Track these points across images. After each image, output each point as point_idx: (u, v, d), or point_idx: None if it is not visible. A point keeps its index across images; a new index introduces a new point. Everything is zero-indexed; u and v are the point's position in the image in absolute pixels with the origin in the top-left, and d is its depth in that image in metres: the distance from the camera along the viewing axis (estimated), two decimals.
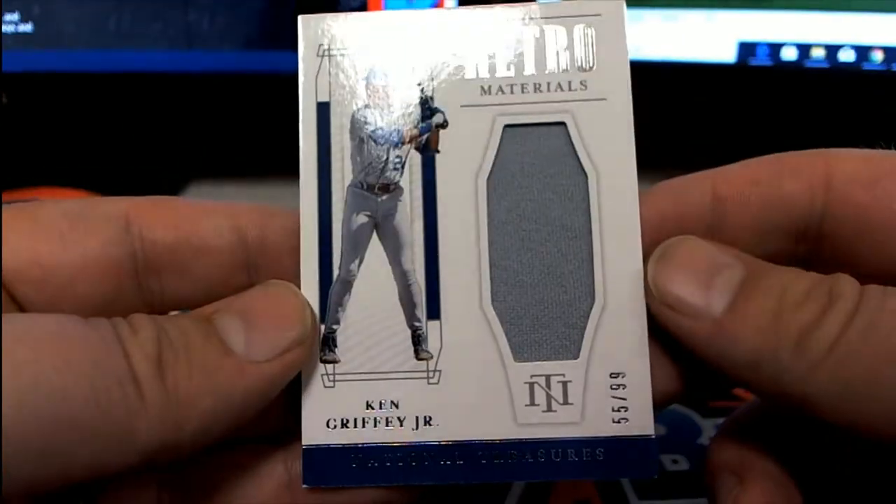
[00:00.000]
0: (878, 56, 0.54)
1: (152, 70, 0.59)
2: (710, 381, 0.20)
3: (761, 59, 0.57)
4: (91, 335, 0.15)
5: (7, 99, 0.61)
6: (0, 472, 0.13)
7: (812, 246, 0.19)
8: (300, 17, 0.20)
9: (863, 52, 0.55)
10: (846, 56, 0.55)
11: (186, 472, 0.20)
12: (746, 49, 0.57)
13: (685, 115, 0.72)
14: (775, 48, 0.56)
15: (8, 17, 0.56)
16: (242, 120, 0.76)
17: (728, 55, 0.57)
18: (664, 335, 0.19)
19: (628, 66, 0.20)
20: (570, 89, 0.20)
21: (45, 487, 0.15)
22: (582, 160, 0.20)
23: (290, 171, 0.42)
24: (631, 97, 0.20)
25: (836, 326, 0.16)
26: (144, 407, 0.15)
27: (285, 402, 0.19)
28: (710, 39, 0.57)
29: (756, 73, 0.57)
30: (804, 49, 0.56)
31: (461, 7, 0.20)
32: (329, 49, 0.20)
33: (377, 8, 0.56)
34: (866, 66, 0.55)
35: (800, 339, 0.16)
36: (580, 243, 0.20)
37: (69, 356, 0.14)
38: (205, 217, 0.19)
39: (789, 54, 0.56)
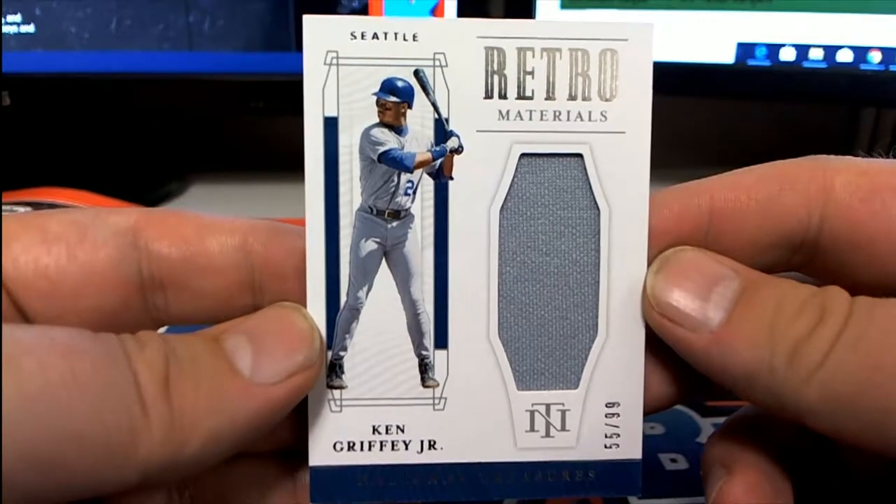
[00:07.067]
0: (875, 57, 0.55)
1: (153, 71, 0.59)
2: (708, 386, 0.20)
3: (760, 60, 0.57)
4: (98, 349, 0.15)
5: (9, 100, 0.60)
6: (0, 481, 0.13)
7: (807, 257, 0.20)
8: (306, 18, 0.19)
9: (861, 52, 0.55)
10: (844, 57, 0.55)
11: (197, 478, 0.20)
12: (745, 50, 0.57)
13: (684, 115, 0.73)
14: (774, 49, 0.56)
15: (10, 18, 0.56)
16: (243, 120, 0.76)
17: (727, 56, 0.57)
18: (662, 342, 0.19)
19: (650, 99, 0.19)
20: (589, 119, 0.19)
21: (43, 500, 0.14)
22: (596, 195, 0.19)
23: (290, 170, 0.42)
24: (650, 132, 0.19)
25: (826, 340, 0.17)
26: (148, 425, 0.15)
27: (294, 419, 0.19)
28: (709, 40, 0.57)
29: (755, 74, 0.57)
30: (802, 50, 0.56)
31: (484, 20, 0.19)
32: (338, 56, 0.19)
33: (378, 11, 0.56)
34: (864, 67, 0.55)
35: (793, 352, 0.17)
36: (587, 277, 0.20)
37: (75, 370, 0.14)
38: (211, 234, 0.19)
39: (788, 55, 0.56)
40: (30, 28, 0.57)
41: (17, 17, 0.56)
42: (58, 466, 0.14)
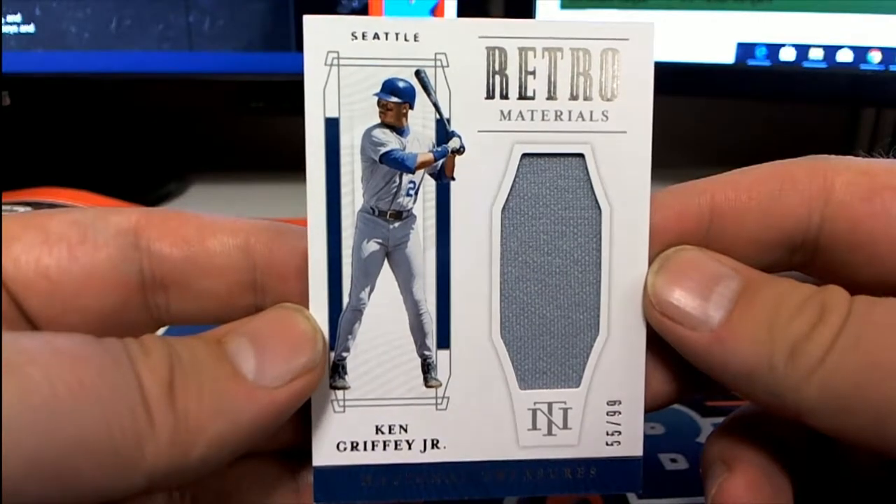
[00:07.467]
0: (875, 57, 0.55)
1: (153, 71, 0.59)
2: (708, 385, 0.20)
3: (760, 60, 0.57)
4: (103, 356, 0.15)
5: (9, 100, 0.61)
6: (1, 489, 0.13)
7: (808, 256, 0.20)
8: (306, 19, 0.18)
9: (860, 52, 0.55)
10: (844, 57, 0.55)
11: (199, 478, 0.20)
12: (745, 50, 0.57)
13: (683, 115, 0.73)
14: (774, 49, 0.56)
15: (10, 18, 0.56)
16: (243, 120, 0.76)
17: (727, 56, 0.57)
18: (663, 341, 0.19)
19: (651, 99, 0.19)
20: (591, 119, 0.19)
21: None
22: (597, 194, 0.19)
23: (290, 170, 0.43)
24: (651, 131, 0.19)
25: (826, 339, 0.17)
26: (153, 430, 0.15)
27: (297, 419, 0.19)
28: (709, 40, 0.57)
29: (755, 74, 0.57)
30: (802, 50, 0.56)
31: (485, 19, 0.19)
32: (339, 57, 0.18)
33: (378, 11, 0.56)
34: (864, 67, 0.55)
35: (793, 351, 0.17)
36: (589, 276, 0.20)
37: (81, 377, 0.14)
38: (212, 234, 0.19)
39: (788, 55, 0.56)
40: (30, 28, 0.57)
41: (17, 17, 0.56)
42: (64, 474, 0.14)
